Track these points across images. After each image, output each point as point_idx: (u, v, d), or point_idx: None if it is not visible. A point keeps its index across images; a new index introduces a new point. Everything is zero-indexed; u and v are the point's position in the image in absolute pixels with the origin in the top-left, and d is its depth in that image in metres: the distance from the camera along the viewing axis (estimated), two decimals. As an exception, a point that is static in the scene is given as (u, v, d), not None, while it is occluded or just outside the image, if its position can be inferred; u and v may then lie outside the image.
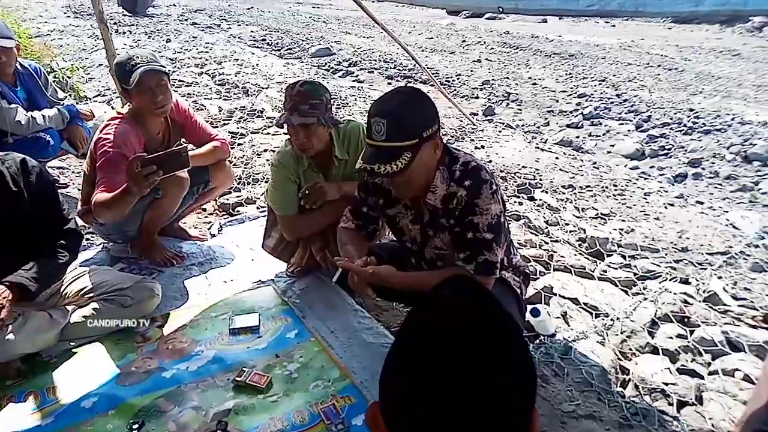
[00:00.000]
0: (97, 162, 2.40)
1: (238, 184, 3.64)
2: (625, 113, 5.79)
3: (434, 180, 1.77)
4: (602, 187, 3.70)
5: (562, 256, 2.85)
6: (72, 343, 2.14)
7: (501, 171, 3.97)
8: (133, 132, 2.50)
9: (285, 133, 4.64)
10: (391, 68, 7.96)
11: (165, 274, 2.65)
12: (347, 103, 5.64)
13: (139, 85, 2.39)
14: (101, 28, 3.91)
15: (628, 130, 5.31)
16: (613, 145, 4.93)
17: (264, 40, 9.75)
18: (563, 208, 3.41)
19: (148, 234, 2.71)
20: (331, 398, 1.91)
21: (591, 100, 6.33)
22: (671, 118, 5.48)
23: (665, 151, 4.68)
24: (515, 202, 3.54)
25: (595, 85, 7.14)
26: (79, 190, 2.91)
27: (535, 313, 2.15)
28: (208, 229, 3.14)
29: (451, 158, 1.79)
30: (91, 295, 2.15)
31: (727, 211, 3.37)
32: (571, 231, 3.14)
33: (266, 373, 2.01)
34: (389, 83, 7.22)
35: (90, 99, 5.48)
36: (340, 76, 7.29)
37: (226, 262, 2.79)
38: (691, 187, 3.91)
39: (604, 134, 5.26)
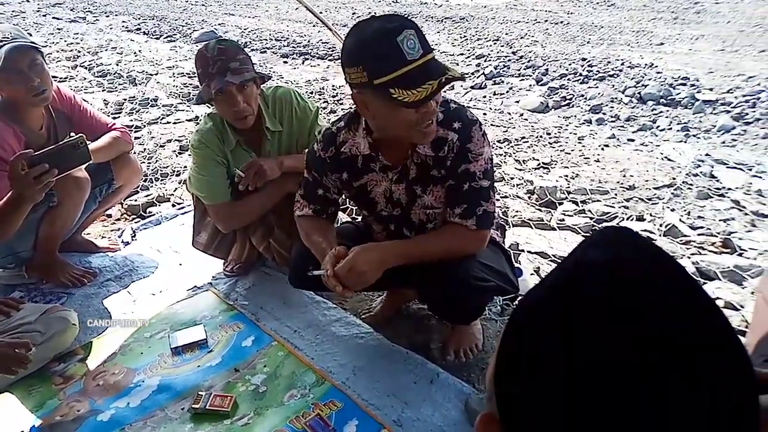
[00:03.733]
0: (-35, 172, 1.90)
1: (145, 181, 3.17)
2: (524, 69, 5.88)
3: None
4: (536, 137, 3.62)
5: (516, 211, 2.72)
6: (-32, 402, 1.68)
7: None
8: (7, 129, 2.01)
9: (189, 120, 4.19)
10: (284, 46, 7.54)
11: (76, 296, 2.20)
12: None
13: (7, 67, 1.90)
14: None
15: (530, 85, 5.40)
16: (518, 101, 4.94)
17: (139, 29, 8.86)
18: (504, 162, 3.28)
19: (46, 251, 2.23)
20: (313, 407, 1.62)
21: (489, 60, 6.38)
22: (567, 69, 5.64)
23: (567, 101, 4.76)
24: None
25: (491, 45, 7.20)
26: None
27: (518, 273, 1.97)
28: (119, 237, 2.68)
29: None
30: (-15, 336, 1.69)
31: (659, 146, 3.40)
32: (517, 184, 3.01)
33: (228, 392, 1.69)
34: (285, 62, 6.84)
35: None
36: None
37: (149, 272, 2.37)
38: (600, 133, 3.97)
39: (507, 92, 5.31)
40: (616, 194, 2.82)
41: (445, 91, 1.58)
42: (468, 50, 7.03)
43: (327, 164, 1.65)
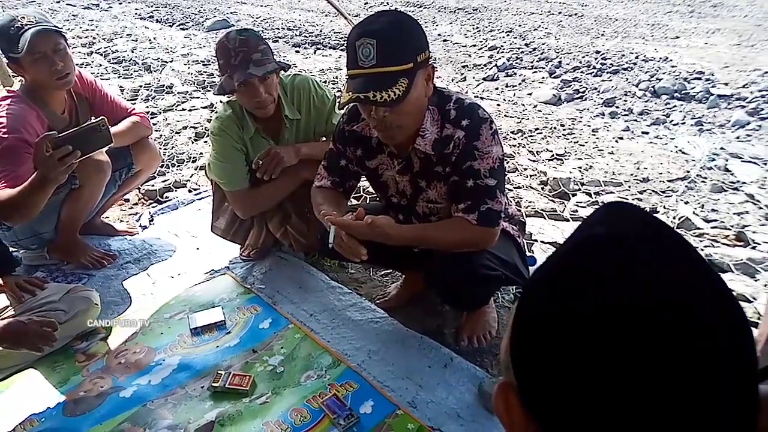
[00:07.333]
0: (-9, 153, 1.94)
1: (162, 167, 3.20)
2: (537, 61, 5.84)
3: (424, 122, 1.53)
4: (551, 129, 3.63)
5: (530, 202, 2.73)
6: (-5, 377, 1.73)
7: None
8: (31, 112, 2.05)
9: (204, 107, 4.22)
10: (296, 35, 7.53)
11: (96, 277, 2.24)
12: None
13: (31, 51, 1.93)
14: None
15: (543, 78, 5.36)
16: (530, 94, 4.93)
17: (152, 17, 8.89)
18: (517, 153, 3.29)
19: (67, 233, 2.27)
20: (330, 388, 1.65)
21: (502, 52, 6.35)
22: (580, 62, 5.60)
23: (580, 95, 4.74)
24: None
25: (504, 37, 7.16)
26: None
27: (532, 261, 1.99)
28: (137, 221, 2.72)
29: (442, 96, 1.55)
30: (13, 314, 1.74)
31: (673, 138, 3.39)
32: (531, 175, 3.02)
33: (246, 372, 1.73)
34: (297, 51, 6.84)
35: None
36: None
37: (167, 255, 2.42)
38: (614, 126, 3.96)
39: (520, 84, 5.28)
40: (629, 186, 2.83)
41: (457, 83, 1.60)
42: (481, 42, 7.00)
43: (347, 137, 1.71)
